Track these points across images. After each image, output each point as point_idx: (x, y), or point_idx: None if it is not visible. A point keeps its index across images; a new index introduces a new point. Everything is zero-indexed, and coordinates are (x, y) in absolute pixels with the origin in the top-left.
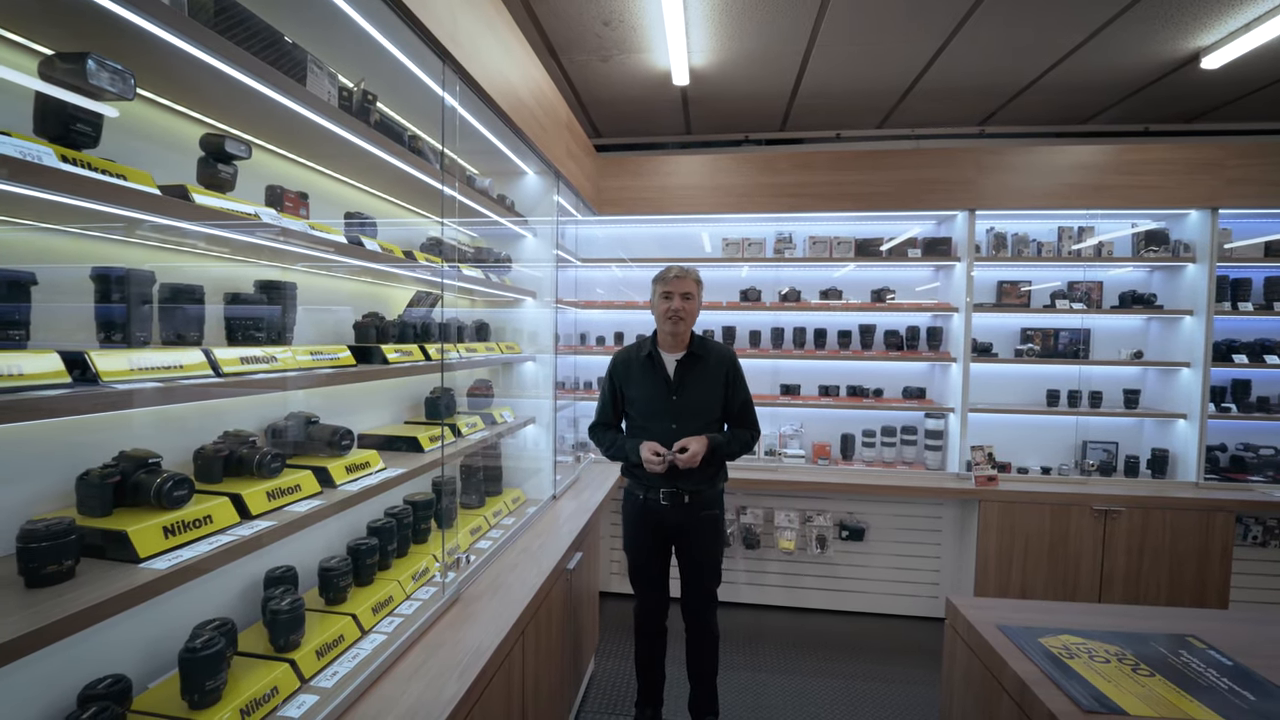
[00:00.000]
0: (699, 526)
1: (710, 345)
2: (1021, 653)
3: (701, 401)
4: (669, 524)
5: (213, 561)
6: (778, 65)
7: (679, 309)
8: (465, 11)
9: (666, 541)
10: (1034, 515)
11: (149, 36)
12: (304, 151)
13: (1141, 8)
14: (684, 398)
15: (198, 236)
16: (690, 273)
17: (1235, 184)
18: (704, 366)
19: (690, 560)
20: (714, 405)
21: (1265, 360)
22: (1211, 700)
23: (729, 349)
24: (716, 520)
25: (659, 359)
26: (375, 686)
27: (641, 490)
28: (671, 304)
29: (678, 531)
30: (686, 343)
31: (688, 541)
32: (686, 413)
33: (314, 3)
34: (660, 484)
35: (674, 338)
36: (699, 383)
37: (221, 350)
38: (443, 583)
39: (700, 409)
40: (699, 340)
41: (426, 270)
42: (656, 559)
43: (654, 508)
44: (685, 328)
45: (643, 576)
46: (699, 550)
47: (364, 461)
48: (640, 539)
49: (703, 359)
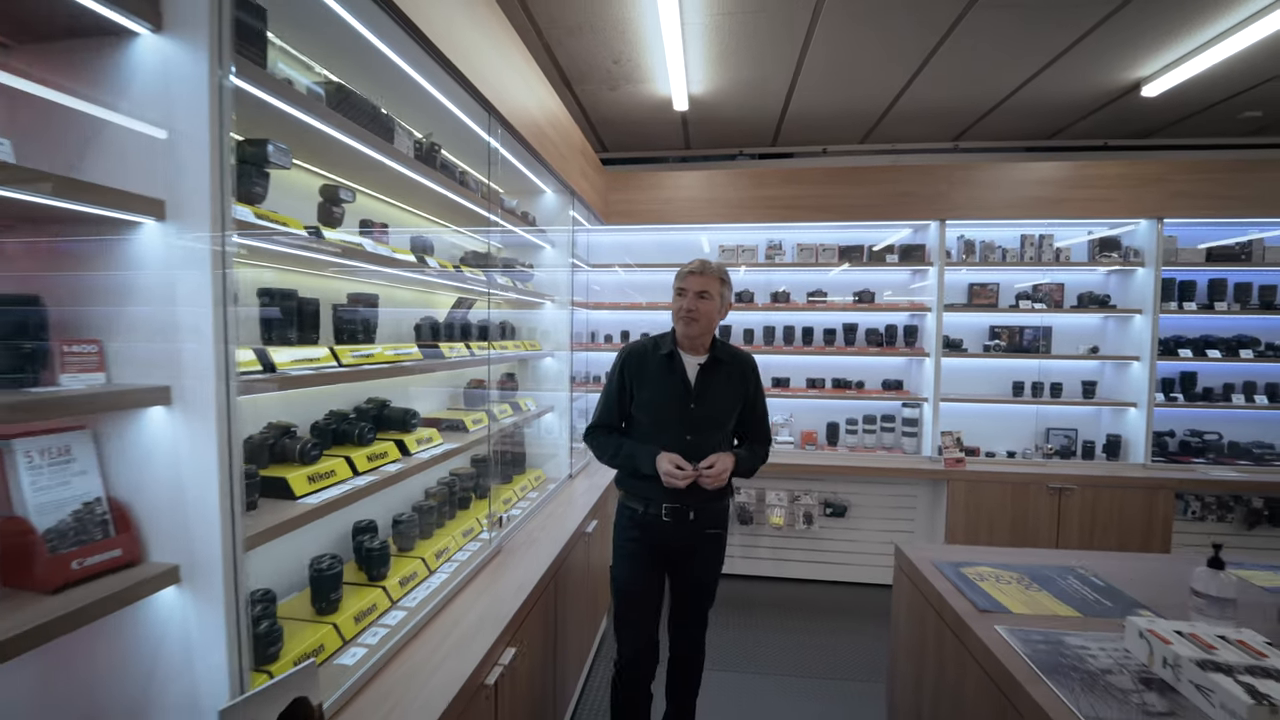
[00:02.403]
0: (702, 545)
1: (732, 350)
2: (944, 576)
3: (721, 412)
4: (670, 544)
5: (341, 501)
6: (767, 92)
7: (691, 309)
8: (507, 72)
9: (664, 566)
10: (996, 493)
11: (299, 122)
12: (388, 191)
13: (1088, 43)
14: (703, 407)
15: (323, 264)
16: (711, 269)
17: (1178, 196)
18: (727, 374)
19: (690, 579)
20: (730, 417)
21: (1207, 355)
22: (1075, 603)
23: (749, 355)
24: (720, 539)
25: (679, 361)
26: (447, 607)
27: (640, 504)
28: (684, 302)
29: (679, 552)
30: (709, 346)
31: (689, 562)
32: (704, 424)
33: (398, 78)
34: (664, 498)
35: (690, 340)
36: (720, 392)
37: (339, 347)
38: (489, 537)
39: (719, 420)
40: (722, 345)
41: (463, 277)
42: (653, 589)
43: (654, 524)
44: (700, 330)
45: (635, 612)
46: (700, 569)
47: (428, 436)
48: (636, 562)
49: (726, 365)
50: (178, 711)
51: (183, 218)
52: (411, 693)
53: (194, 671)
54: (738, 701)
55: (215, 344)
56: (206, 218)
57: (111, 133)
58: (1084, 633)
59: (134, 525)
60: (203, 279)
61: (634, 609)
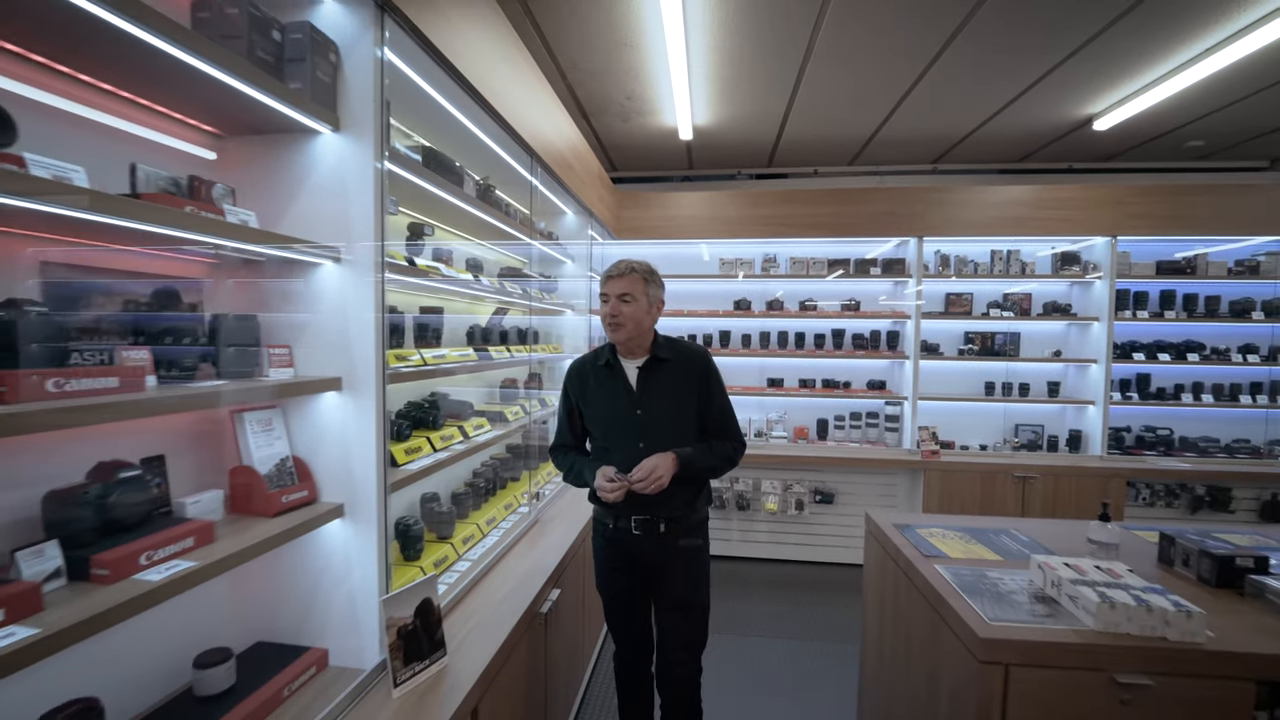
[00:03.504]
0: (677, 558)
1: (680, 347)
2: (901, 534)
3: (672, 413)
4: (643, 557)
5: (427, 470)
6: (763, 122)
7: (614, 313)
8: (544, 121)
9: (642, 578)
10: (966, 481)
11: (405, 178)
12: (449, 221)
13: (1045, 85)
14: (651, 411)
15: (413, 285)
16: (630, 269)
17: (1131, 217)
18: (672, 372)
19: (670, 603)
20: (687, 417)
21: (1158, 358)
22: (1000, 551)
23: (702, 349)
24: (699, 551)
25: (619, 368)
26: (500, 562)
27: (610, 519)
28: (606, 308)
29: (654, 568)
30: (649, 347)
31: (665, 580)
32: (655, 428)
33: (464, 134)
34: (631, 511)
35: (625, 345)
36: (668, 391)
37: (425, 351)
38: (527, 510)
39: (671, 422)
40: (664, 342)
41: (503, 290)
42: (634, 598)
43: (624, 538)
44: (628, 334)
45: (619, 618)
46: (678, 587)
47: (481, 424)
48: (613, 576)
49: (670, 363)
50: (341, 603)
51: (354, 260)
52: (489, 614)
53: (352, 578)
54: (733, 659)
55: (376, 348)
56: (372, 258)
57: (305, 198)
58: (1001, 569)
59: (311, 475)
60: (367, 300)
61: (617, 614)
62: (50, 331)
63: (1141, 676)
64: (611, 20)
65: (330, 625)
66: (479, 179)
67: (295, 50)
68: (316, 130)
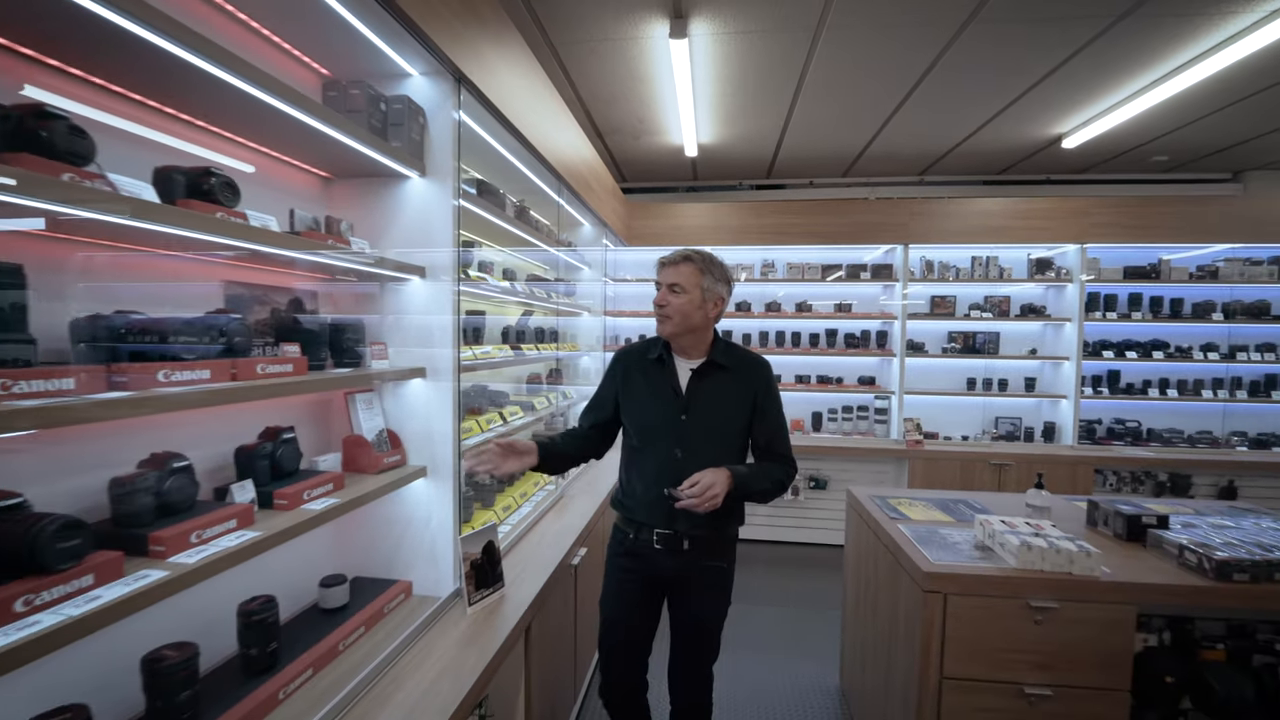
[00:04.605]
0: (699, 578)
1: (740, 354)
2: (875, 504)
3: (719, 425)
4: (661, 574)
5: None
6: (761, 140)
7: (661, 303)
8: (568, 148)
9: (656, 597)
10: (948, 468)
11: (465, 207)
12: (488, 236)
13: (1016, 107)
14: (697, 418)
15: (465, 293)
16: (685, 257)
17: (1099, 226)
18: (727, 380)
19: (686, 617)
20: (734, 431)
21: (1126, 355)
22: (955, 515)
23: (763, 360)
24: (723, 574)
25: (671, 365)
26: (535, 527)
27: (632, 529)
28: (657, 295)
29: (672, 585)
30: (706, 349)
31: (684, 597)
32: (698, 437)
33: (503, 164)
34: (656, 523)
35: (676, 341)
36: (719, 400)
37: (476, 348)
38: (554, 487)
39: (718, 434)
40: (724, 346)
41: (531, 294)
42: (639, 616)
43: (644, 551)
44: (673, 328)
45: (614, 636)
46: (697, 605)
47: (515, 411)
48: (622, 594)
49: (727, 370)
50: (424, 546)
51: (435, 275)
52: (531, 563)
53: (431, 525)
54: (732, 624)
55: (453, 345)
56: (450, 275)
57: (397, 228)
58: (952, 528)
59: (401, 444)
60: (446, 306)
61: (617, 644)
62: (244, 331)
63: (1050, 601)
64: (626, 58)
65: (414, 563)
66: (516, 201)
67: (397, 117)
68: (407, 176)
